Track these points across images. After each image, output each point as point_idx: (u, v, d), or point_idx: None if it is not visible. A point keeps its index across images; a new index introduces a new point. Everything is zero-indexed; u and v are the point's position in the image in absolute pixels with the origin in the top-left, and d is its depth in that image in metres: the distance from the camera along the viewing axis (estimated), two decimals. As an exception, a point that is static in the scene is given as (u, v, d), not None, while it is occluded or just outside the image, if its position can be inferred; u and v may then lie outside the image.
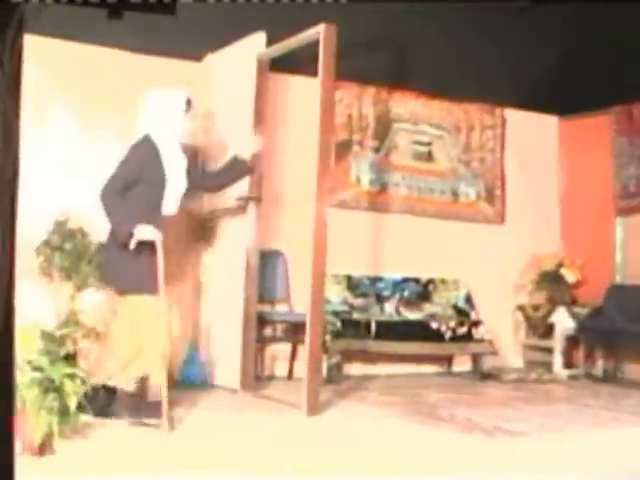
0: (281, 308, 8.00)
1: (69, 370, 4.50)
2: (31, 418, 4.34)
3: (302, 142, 7.85)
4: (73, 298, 7.04)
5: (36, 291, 6.81)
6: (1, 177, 1.90)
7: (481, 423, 5.86)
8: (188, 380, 7.08)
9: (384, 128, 8.80)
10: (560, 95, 9.55)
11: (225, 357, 6.98)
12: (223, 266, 7.17)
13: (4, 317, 1.84)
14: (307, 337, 6.00)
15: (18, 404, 4.42)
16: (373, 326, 7.91)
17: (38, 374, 4.50)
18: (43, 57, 6.49)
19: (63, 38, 6.93)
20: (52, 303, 6.89)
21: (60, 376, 4.45)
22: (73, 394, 4.47)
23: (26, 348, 4.58)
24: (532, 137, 9.73)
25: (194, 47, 7.61)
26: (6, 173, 1.88)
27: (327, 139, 6.12)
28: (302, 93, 7.98)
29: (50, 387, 4.48)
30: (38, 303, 6.34)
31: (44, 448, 4.37)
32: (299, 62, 7.27)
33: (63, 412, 4.46)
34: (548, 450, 5.09)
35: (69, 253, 6.94)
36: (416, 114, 8.98)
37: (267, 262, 7.59)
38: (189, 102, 5.78)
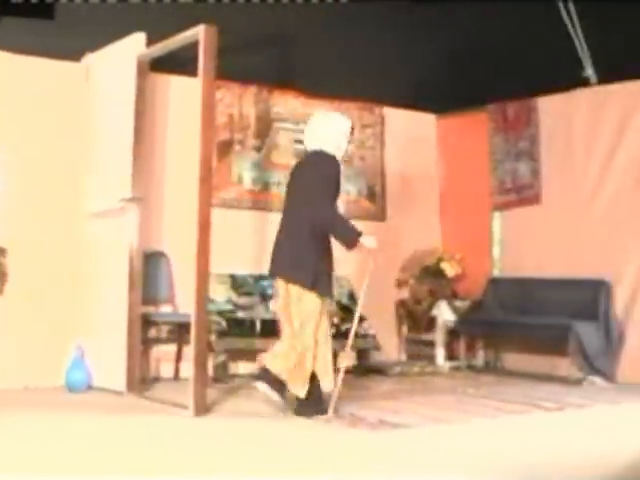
0: (165, 309, 7.96)
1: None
2: None
3: (183, 142, 7.87)
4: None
5: None
6: None
7: (366, 417, 5.94)
8: (73, 383, 7.00)
9: (265, 127, 8.85)
10: (437, 93, 9.75)
11: (110, 359, 6.92)
12: (106, 268, 7.11)
13: None
14: (192, 337, 5.99)
15: None
16: (258, 324, 7.95)
17: None
18: None
19: None
20: None
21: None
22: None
23: None
24: (411, 135, 9.90)
25: (72, 46, 7.53)
26: None
27: (208, 139, 6.13)
28: (182, 93, 8.00)
29: None
30: None
31: None
32: (179, 61, 7.27)
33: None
34: (433, 441, 5.20)
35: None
36: (296, 113, 9.04)
37: (150, 263, 7.55)
38: (352, 129, 6.33)
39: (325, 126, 6.17)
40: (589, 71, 8.57)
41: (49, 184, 7.44)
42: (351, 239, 5.99)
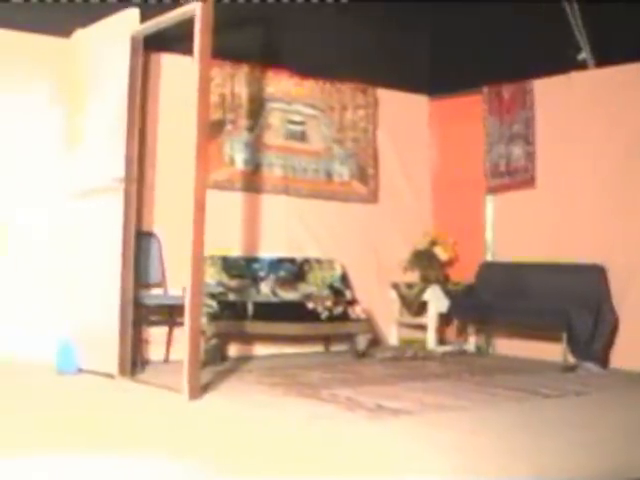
0: (156, 291, 7.85)
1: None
2: None
3: (174, 122, 7.77)
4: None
5: None
6: None
7: (363, 402, 5.86)
8: (62, 366, 6.88)
9: (257, 107, 8.72)
10: (431, 75, 9.69)
11: (101, 343, 6.80)
12: (97, 249, 6.98)
13: None
14: (186, 320, 5.89)
15: None
16: (250, 307, 7.85)
17: None
18: None
19: None
20: None
21: None
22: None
23: None
24: (404, 116, 9.81)
25: (62, 22, 7.38)
26: None
27: (204, 119, 5.99)
28: (174, 71, 7.88)
29: None
30: None
31: None
32: (168, 39, 7.16)
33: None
34: (433, 428, 5.12)
35: None
36: (289, 93, 8.93)
37: (141, 245, 7.41)
38: None
39: None
40: (585, 54, 8.47)
41: (38, 162, 7.33)
42: None
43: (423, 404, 5.88)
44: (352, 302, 8.53)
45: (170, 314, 7.64)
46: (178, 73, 7.88)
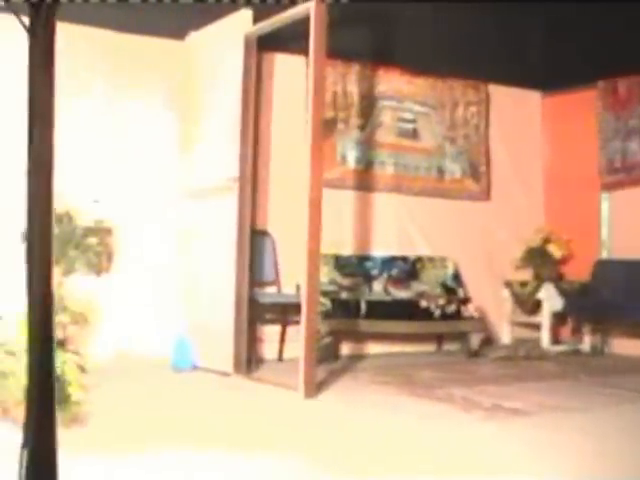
0: (269, 290, 7.91)
1: (68, 357, 4.41)
2: (32, 407, 4.23)
3: (286, 121, 7.83)
4: (60, 284, 6.94)
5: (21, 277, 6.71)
6: (37, 157, 1.79)
7: (479, 402, 5.81)
8: (178, 364, 6.98)
9: (369, 106, 8.71)
10: (544, 70, 9.53)
11: (216, 340, 6.88)
12: (213, 247, 7.06)
13: (43, 307, 1.75)
14: (303, 318, 5.92)
15: (18, 394, 4.33)
16: (363, 306, 7.84)
17: (36, 362, 4.40)
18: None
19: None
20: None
21: (60, 364, 4.35)
22: (73, 381, 4.37)
23: (22, 335, 4.49)
24: (516, 113, 9.69)
25: (175, 25, 7.49)
26: (42, 153, 1.77)
27: (319, 118, 6.01)
28: (285, 71, 7.94)
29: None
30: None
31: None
32: (278, 39, 7.20)
33: (64, 401, 4.36)
34: (552, 429, 5.04)
35: (56, 238, 6.83)
36: (400, 91, 8.89)
37: (255, 243, 7.48)
38: None
39: None
40: None
41: (153, 163, 7.45)
42: None
43: (541, 405, 5.80)
44: (465, 300, 8.46)
45: (284, 312, 7.67)
46: (289, 72, 7.96)
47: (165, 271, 7.39)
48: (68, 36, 6.89)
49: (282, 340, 7.78)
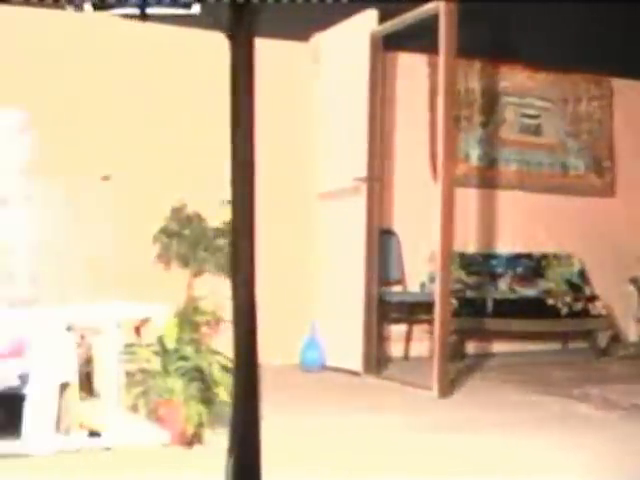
0: (396, 288, 7.92)
1: (217, 358, 4.47)
2: (181, 408, 4.31)
3: (408, 120, 7.83)
4: (190, 285, 7.06)
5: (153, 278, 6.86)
6: (239, 158, 1.83)
7: (617, 401, 5.72)
8: (308, 364, 7.04)
9: (491, 102, 8.65)
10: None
11: (346, 340, 6.91)
12: (341, 247, 7.10)
13: (248, 315, 1.79)
14: (436, 317, 5.92)
15: (164, 394, 4.41)
16: (489, 304, 7.80)
17: (183, 363, 4.48)
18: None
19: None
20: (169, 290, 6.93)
21: (208, 364, 4.43)
22: (221, 382, 4.43)
23: (169, 336, 4.58)
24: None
25: (300, 27, 7.54)
26: (244, 154, 1.81)
27: (450, 116, 5.99)
28: (406, 69, 7.95)
29: (196, 376, 4.46)
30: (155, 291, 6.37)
31: (194, 439, 4.34)
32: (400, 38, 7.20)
33: (210, 401, 4.43)
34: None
35: (187, 239, 6.95)
36: (523, 87, 8.81)
37: (381, 242, 7.49)
38: None
39: None
40: None
41: (281, 166, 7.51)
42: None
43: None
44: (592, 298, 8.33)
45: (410, 311, 7.68)
46: (409, 71, 7.96)
47: (295, 272, 7.45)
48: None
49: (408, 339, 7.78)
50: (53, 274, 4.92)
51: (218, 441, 4.31)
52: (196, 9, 4.36)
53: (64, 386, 4.40)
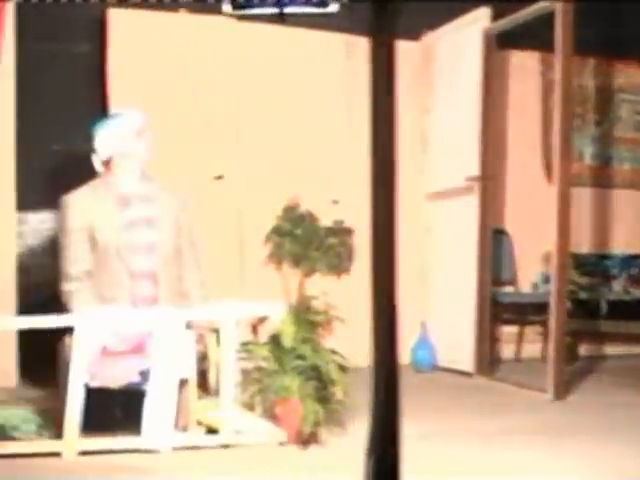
0: (508, 289, 7.83)
1: (335, 357, 4.49)
2: (299, 407, 4.33)
3: (520, 119, 7.74)
4: (302, 284, 7.09)
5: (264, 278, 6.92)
6: (381, 159, 1.82)
7: None
8: (419, 364, 7.02)
9: (605, 100, 8.49)
10: None
11: (457, 340, 6.88)
12: (452, 246, 7.06)
13: (387, 316, 1.77)
14: (552, 318, 5.85)
15: (281, 392, 4.44)
16: (603, 305, 7.66)
17: (300, 361, 4.50)
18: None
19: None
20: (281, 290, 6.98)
21: (325, 363, 4.44)
22: (338, 381, 4.44)
23: (286, 335, 4.59)
24: None
25: (412, 26, 7.51)
26: (386, 155, 1.80)
27: (567, 115, 5.91)
28: (517, 67, 7.86)
29: (312, 375, 4.48)
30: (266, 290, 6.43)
31: (310, 438, 4.35)
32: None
33: (326, 401, 4.44)
34: None
35: (299, 239, 6.99)
36: (638, 84, 8.62)
37: (493, 242, 7.41)
38: None
39: None
40: None
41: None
42: None
43: None
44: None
45: (522, 312, 7.59)
46: (520, 69, 7.87)
47: (406, 272, 7.42)
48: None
49: (520, 340, 7.70)
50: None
51: (335, 441, 4.34)
52: (334, 7, 4.38)
53: (183, 383, 4.47)
